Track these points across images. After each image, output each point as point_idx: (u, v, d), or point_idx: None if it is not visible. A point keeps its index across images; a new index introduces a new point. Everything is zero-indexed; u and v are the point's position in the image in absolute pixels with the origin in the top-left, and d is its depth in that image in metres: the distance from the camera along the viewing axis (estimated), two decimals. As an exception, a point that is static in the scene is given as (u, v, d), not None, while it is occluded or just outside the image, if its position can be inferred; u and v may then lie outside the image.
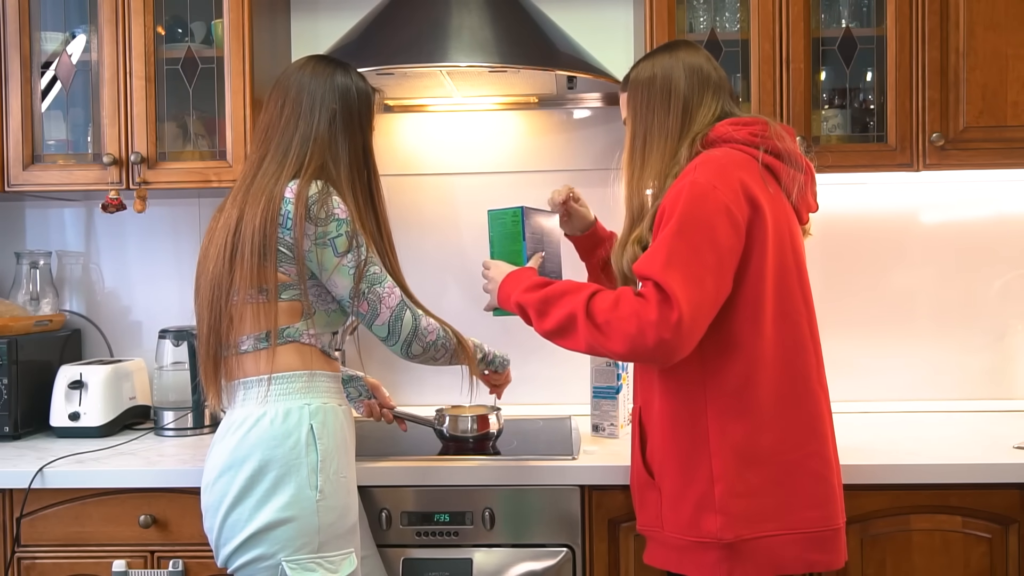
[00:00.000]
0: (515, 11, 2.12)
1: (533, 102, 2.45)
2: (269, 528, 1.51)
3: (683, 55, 1.64)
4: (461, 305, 2.49)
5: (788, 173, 1.57)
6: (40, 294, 2.46)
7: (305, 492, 1.52)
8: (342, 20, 2.35)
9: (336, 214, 1.57)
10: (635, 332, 1.41)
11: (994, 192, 2.43)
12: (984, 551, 1.84)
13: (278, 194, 1.57)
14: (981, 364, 2.43)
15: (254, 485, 1.52)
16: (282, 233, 1.56)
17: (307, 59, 1.71)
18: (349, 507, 1.59)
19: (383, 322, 1.61)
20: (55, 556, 1.92)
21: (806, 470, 1.52)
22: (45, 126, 2.24)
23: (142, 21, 2.17)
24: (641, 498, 1.63)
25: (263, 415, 1.55)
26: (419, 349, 1.64)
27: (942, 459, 1.86)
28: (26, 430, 2.25)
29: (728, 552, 1.48)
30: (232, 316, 1.59)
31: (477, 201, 2.50)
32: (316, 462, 1.54)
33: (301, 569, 1.51)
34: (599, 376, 2.12)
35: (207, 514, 1.59)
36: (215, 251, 1.61)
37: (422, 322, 1.64)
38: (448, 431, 2.03)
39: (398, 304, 1.61)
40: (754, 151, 1.55)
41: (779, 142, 1.56)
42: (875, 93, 2.19)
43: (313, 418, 1.56)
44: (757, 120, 1.59)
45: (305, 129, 1.63)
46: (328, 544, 1.54)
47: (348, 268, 1.58)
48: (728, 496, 1.48)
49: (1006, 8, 2.09)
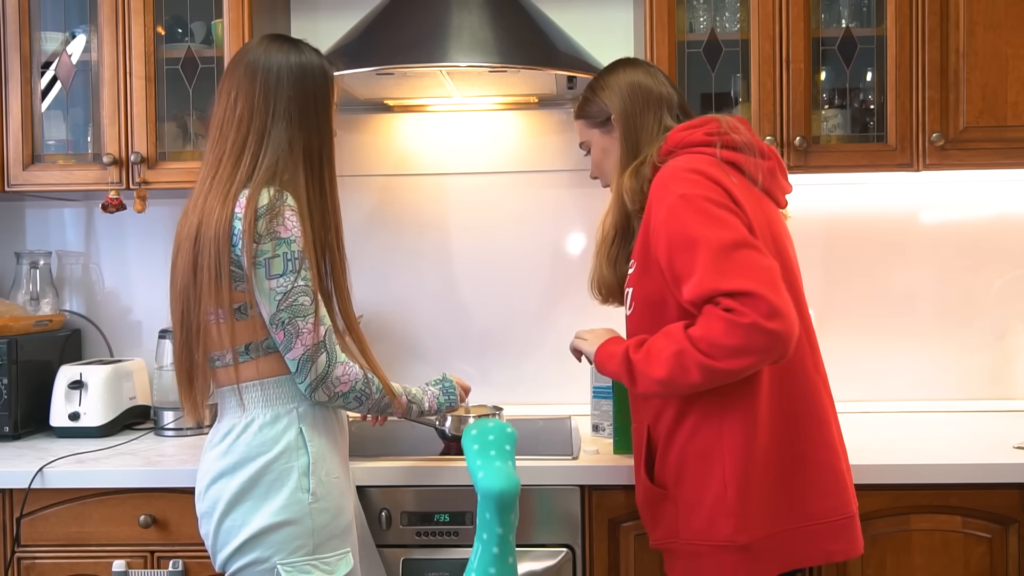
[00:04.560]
0: (515, 11, 2.12)
1: (533, 102, 2.45)
2: (263, 533, 1.51)
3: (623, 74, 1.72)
4: (460, 305, 2.49)
5: (750, 161, 1.59)
6: (40, 294, 2.46)
7: (297, 495, 1.52)
8: (342, 20, 2.35)
9: (278, 232, 1.49)
10: (743, 342, 1.38)
11: (994, 192, 2.42)
12: (984, 551, 1.84)
13: (230, 205, 1.50)
14: (981, 364, 2.43)
15: (247, 491, 1.52)
16: (233, 253, 1.50)
17: (259, 40, 1.60)
18: (343, 508, 1.58)
19: (294, 357, 1.51)
20: (55, 556, 1.92)
21: (814, 460, 1.53)
22: (45, 126, 2.24)
23: (142, 21, 2.17)
24: (653, 514, 1.61)
25: (251, 421, 1.54)
26: (324, 396, 1.53)
27: (942, 459, 1.86)
28: (26, 430, 2.25)
29: (744, 553, 1.48)
30: (204, 329, 1.54)
31: (477, 201, 2.51)
32: (307, 464, 1.53)
33: (297, 572, 1.51)
34: (599, 376, 2.12)
35: (202, 521, 1.59)
36: (182, 263, 1.56)
37: (337, 370, 1.53)
38: (450, 431, 2.03)
39: (315, 344, 1.51)
40: (711, 150, 1.57)
41: (735, 135, 1.59)
42: (875, 93, 2.19)
43: (302, 421, 1.55)
44: (707, 119, 1.62)
45: (259, 125, 1.54)
46: (323, 545, 1.53)
47: (275, 293, 1.49)
48: (740, 497, 1.48)
49: (1006, 8, 2.09)
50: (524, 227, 2.49)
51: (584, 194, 2.49)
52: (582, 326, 2.42)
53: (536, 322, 2.49)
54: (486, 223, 2.51)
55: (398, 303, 2.50)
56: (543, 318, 2.49)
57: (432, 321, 2.50)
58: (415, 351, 2.51)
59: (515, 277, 2.50)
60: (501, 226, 2.50)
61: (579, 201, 2.49)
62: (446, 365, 2.48)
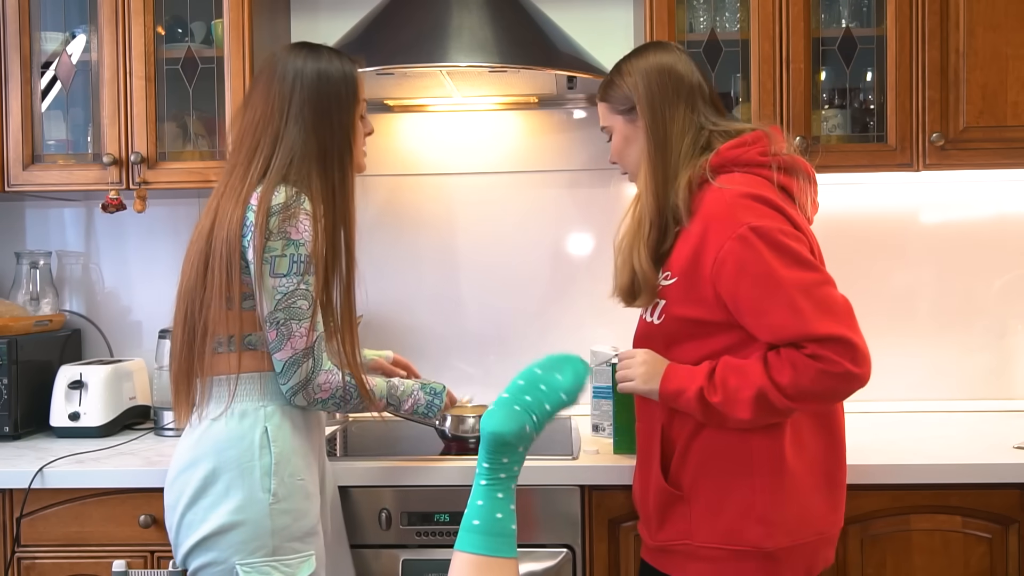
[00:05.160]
0: (515, 11, 2.12)
1: (533, 102, 2.45)
2: (221, 531, 1.51)
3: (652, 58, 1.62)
4: (461, 305, 2.49)
5: (800, 187, 1.56)
6: (40, 294, 2.46)
7: (257, 495, 1.51)
8: (342, 20, 2.34)
9: (289, 233, 1.51)
10: (831, 388, 1.42)
11: (994, 192, 2.42)
12: (984, 551, 1.84)
13: (243, 202, 1.53)
14: (981, 364, 2.43)
15: (208, 486, 1.52)
16: (243, 244, 1.53)
17: (282, 48, 1.63)
18: (306, 511, 1.57)
19: (281, 359, 1.53)
20: (55, 556, 1.92)
21: (835, 478, 1.57)
22: (45, 126, 2.24)
23: (142, 21, 2.17)
24: (663, 514, 1.59)
25: (220, 415, 1.55)
26: (303, 401, 1.56)
27: (942, 459, 1.86)
28: (26, 430, 2.25)
29: (768, 561, 1.50)
30: (206, 327, 1.55)
31: (477, 201, 2.50)
32: (270, 465, 1.52)
33: (256, 572, 1.50)
34: (599, 376, 2.11)
35: (167, 512, 1.59)
36: (190, 262, 1.59)
37: (320, 377, 1.55)
38: (450, 431, 2.03)
39: (303, 350, 1.53)
40: (767, 172, 1.53)
41: (789, 159, 1.55)
42: (875, 93, 2.19)
43: (268, 420, 1.55)
44: (757, 136, 1.56)
45: (273, 129, 1.56)
46: (283, 547, 1.52)
47: (276, 292, 1.52)
48: (770, 506, 1.49)
49: (1006, 8, 2.09)
50: (524, 227, 2.49)
51: (584, 194, 2.49)
52: (582, 326, 2.44)
53: (536, 322, 2.49)
54: (486, 223, 2.51)
55: (398, 303, 2.50)
56: (543, 318, 2.49)
57: (432, 321, 2.50)
58: (415, 351, 2.50)
59: (515, 277, 2.49)
60: (501, 226, 2.50)
61: (579, 201, 2.49)
62: (446, 365, 2.48)
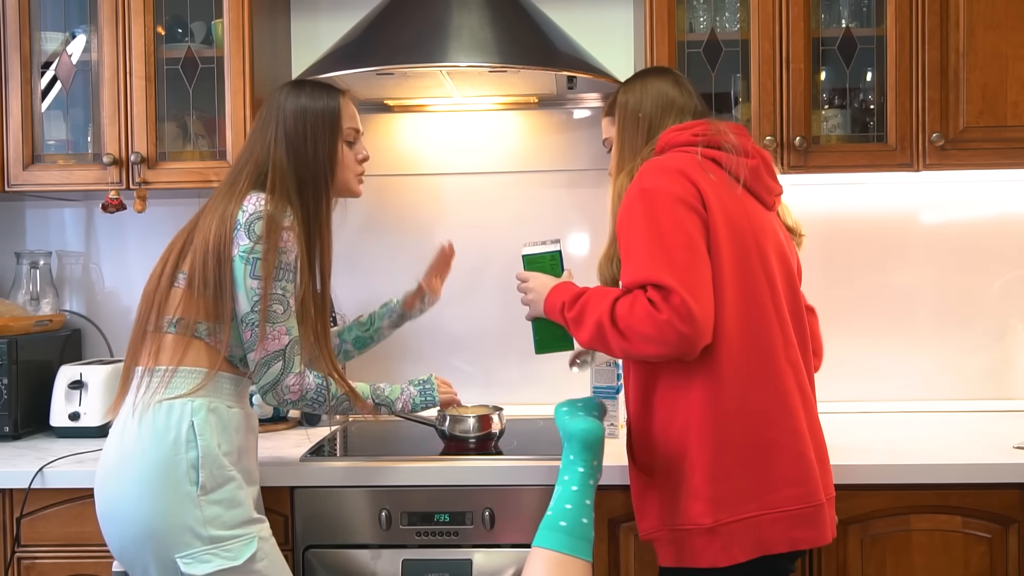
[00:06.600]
0: (515, 11, 2.12)
1: (533, 102, 2.45)
2: (156, 528, 1.52)
3: (651, 81, 1.74)
4: (460, 305, 2.49)
5: (731, 159, 1.61)
6: (40, 294, 2.46)
7: (184, 488, 1.53)
8: (342, 20, 2.35)
9: (272, 239, 1.59)
10: (655, 334, 1.45)
11: (994, 192, 2.43)
12: (984, 551, 1.84)
13: (239, 199, 1.62)
14: (981, 364, 2.43)
15: (137, 484, 1.53)
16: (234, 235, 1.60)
17: (278, 87, 1.75)
18: (239, 500, 1.58)
19: (254, 359, 1.62)
20: (55, 556, 1.92)
21: (781, 448, 1.53)
22: (45, 126, 2.24)
23: (142, 21, 2.17)
24: (641, 505, 1.64)
25: (147, 409, 1.57)
26: (273, 401, 1.64)
27: (942, 459, 1.86)
28: (26, 430, 2.25)
29: (712, 536, 1.50)
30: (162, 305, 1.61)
31: (477, 201, 2.51)
32: (196, 459, 1.55)
33: (197, 562, 1.52)
34: (599, 376, 2.12)
35: (102, 521, 1.60)
36: (157, 268, 1.66)
37: (288, 379, 1.62)
38: (449, 431, 2.03)
39: (275, 352, 1.61)
40: (694, 149, 1.61)
41: (720, 137, 1.62)
42: (875, 93, 2.19)
43: (195, 415, 1.57)
44: (699, 122, 1.66)
45: (258, 155, 1.67)
46: (219, 535, 1.54)
47: (253, 292, 1.59)
48: (706, 481, 1.51)
49: (1006, 8, 2.09)
50: (524, 227, 2.49)
51: (584, 194, 2.49)
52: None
53: (536, 322, 2.49)
54: (486, 223, 2.51)
55: (398, 303, 2.50)
56: (543, 318, 2.49)
57: (432, 321, 2.50)
58: (415, 351, 2.51)
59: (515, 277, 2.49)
60: (501, 226, 2.50)
61: (578, 201, 2.49)
62: (446, 365, 2.49)
